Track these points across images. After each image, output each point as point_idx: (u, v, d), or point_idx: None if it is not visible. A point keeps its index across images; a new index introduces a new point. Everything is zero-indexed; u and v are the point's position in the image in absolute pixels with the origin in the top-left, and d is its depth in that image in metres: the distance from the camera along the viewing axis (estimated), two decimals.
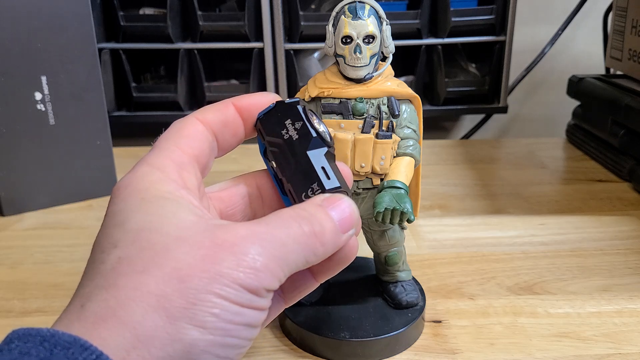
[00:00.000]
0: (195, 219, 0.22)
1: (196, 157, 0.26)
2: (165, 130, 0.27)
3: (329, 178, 0.26)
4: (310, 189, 0.26)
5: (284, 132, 0.27)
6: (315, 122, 0.27)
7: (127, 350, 0.19)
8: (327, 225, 0.24)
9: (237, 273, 0.21)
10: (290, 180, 0.27)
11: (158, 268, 0.21)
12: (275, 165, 0.28)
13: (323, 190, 0.26)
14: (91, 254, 0.23)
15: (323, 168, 0.26)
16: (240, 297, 0.21)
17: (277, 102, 0.28)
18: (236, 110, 0.28)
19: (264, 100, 0.28)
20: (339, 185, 0.26)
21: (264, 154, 0.28)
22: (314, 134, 0.27)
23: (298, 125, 0.27)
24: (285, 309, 0.29)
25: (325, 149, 0.27)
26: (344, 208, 0.25)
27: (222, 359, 0.21)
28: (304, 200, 0.26)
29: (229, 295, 0.21)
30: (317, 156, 0.27)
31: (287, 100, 0.28)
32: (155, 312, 0.20)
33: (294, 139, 0.27)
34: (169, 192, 0.23)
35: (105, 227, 0.23)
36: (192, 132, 0.26)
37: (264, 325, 0.25)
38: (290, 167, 0.27)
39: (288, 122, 0.27)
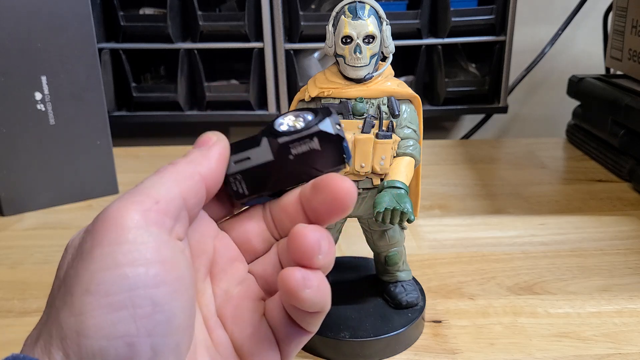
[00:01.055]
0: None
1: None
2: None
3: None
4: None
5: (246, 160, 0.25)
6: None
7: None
8: (191, 152, 0.24)
9: (100, 237, 0.21)
10: (288, 175, 0.25)
11: (56, 280, 0.22)
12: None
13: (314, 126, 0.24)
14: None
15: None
16: (112, 257, 0.20)
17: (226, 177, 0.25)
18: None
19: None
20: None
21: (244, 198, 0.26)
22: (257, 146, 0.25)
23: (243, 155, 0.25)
24: None
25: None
26: (201, 138, 0.25)
27: (122, 337, 0.20)
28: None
29: (99, 262, 0.20)
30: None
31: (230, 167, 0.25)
32: (52, 320, 0.21)
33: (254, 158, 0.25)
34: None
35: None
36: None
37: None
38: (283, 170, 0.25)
39: (242, 154, 0.25)
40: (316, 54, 0.85)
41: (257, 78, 0.81)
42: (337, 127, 0.25)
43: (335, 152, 0.24)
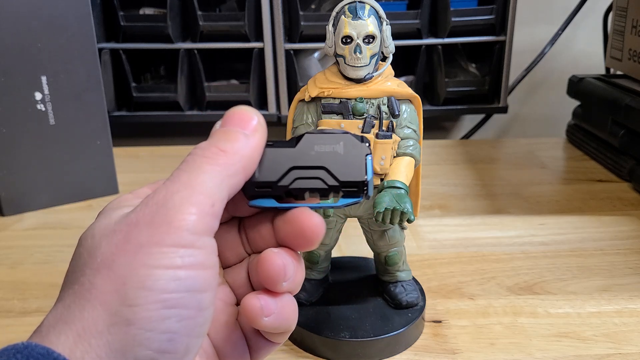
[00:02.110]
0: (121, 213, 0.22)
1: None
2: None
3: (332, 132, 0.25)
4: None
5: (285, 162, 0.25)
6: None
7: (71, 348, 0.20)
8: (229, 137, 0.23)
9: (158, 236, 0.21)
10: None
11: (88, 266, 0.21)
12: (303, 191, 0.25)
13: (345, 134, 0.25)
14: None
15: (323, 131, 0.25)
16: (169, 258, 0.20)
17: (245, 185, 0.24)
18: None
19: None
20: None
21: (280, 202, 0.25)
22: (291, 142, 0.25)
23: (285, 152, 0.25)
24: None
25: (307, 135, 0.25)
26: (234, 111, 0.24)
27: (166, 333, 0.20)
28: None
29: (157, 261, 0.20)
30: (308, 142, 0.25)
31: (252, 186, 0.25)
32: (92, 306, 0.20)
33: (298, 155, 0.25)
34: (124, 201, 0.24)
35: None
36: None
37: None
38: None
39: (282, 157, 0.25)
40: (316, 54, 0.85)
41: (257, 78, 0.81)
42: (366, 143, 0.25)
43: (357, 163, 0.24)
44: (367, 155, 0.25)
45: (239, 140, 0.23)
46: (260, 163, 0.25)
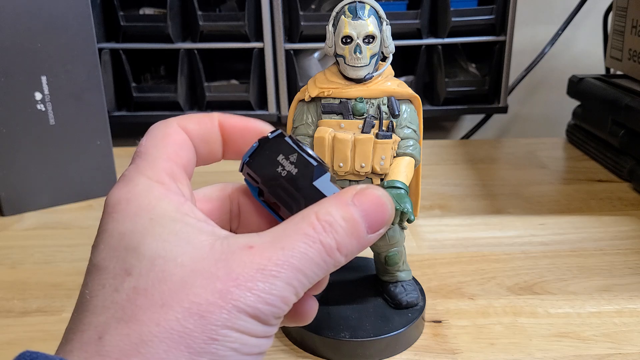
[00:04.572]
0: (208, 244, 0.22)
1: (185, 167, 0.25)
2: (146, 134, 0.25)
3: None
4: None
5: (279, 169, 0.25)
6: (308, 149, 0.25)
7: None
8: (353, 232, 0.23)
9: (254, 308, 0.21)
10: None
11: (178, 303, 0.20)
12: (280, 207, 0.25)
13: None
14: (95, 274, 0.22)
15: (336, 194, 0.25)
16: (256, 329, 0.21)
17: (260, 140, 0.26)
18: (220, 128, 0.26)
19: (253, 126, 0.26)
20: None
21: (259, 195, 0.26)
22: (314, 162, 0.25)
23: (293, 157, 0.25)
24: None
25: (328, 174, 0.25)
26: (377, 204, 0.23)
27: None
28: None
29: (247, 329, 0.21)
30: (324, 184, 0.25)
31: (270, 134, 0.26)
32: (177, 349, 0.20)
33: (294, 173, 0.25)
34: (176, 210, 0.22)
35: (112, 247, 0.22)
36: (179, 140, 0.25)
37: None
38: (298, 203, 0.24)
39: (280, 157, 0.25)
40: (316, 54, 0.85)
41: (257, 78, 0.81)
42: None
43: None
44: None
45: (360, 245, 0.23)
46: (265, 152, 0.25)
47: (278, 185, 0.25)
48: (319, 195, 0.24)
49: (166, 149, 0.24)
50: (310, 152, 0.25)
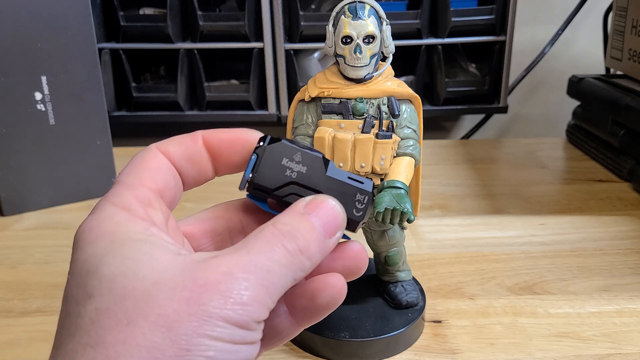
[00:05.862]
0: (171, 258, 0.21)
1: (160, 192, 0.24)
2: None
3: (361, 182, 0.25)
4: (357, 202, 0.25)
5: (288, 172, 0.25)
6: (306, 144, 0.26)
7: None
8: (312, 236, 0.23)
9: (226, 311, 0.20)
10: None
11: (143, 318, 0.20)
12: None
13: (370, 196, 0.25)
14: (63, 305, 0.21)
15: (349, 177, 0.25)
16: (232, 334, 0.20)
17: (256, 151, 0.25)
18: (205, 145, 0.26)
19: (240, 136, 0.26)
20: (370, 180, 0.26)
21: (271, 207, 0.26)
22: (319, 155, 0.25)
23: (298, 157, 0.25)
24: None
25: (332, 162, 0.25)
26: (329, 210, 0.24)
27: None
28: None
29: (222, 335, 0.20)
30: (335, 171, 0.25)
31: (263, 143, 0.25)
32: None
33: (304, 172, 0.25)
34: (139, 232, 0.22)
35: (75, 275, 0.21)
36: (154, 165, 0.25)
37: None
38: None
39: (285, 161, 0.25)
40: (316, 54, 0.85)
41: (257, 78, 0.81)
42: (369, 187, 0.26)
43: (355, 201, 0.25)
44: (370, 197, 0.25)
45: (322, 250, 0.24)
46: (267, 161, 0.25)
47: (292, 189, 0.25)
48: (336, 184, 0.25)
49: (139, 175, 0.24)
50: (309, 146, 0.26)
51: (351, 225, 0.26)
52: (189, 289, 0.20)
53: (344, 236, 0.26)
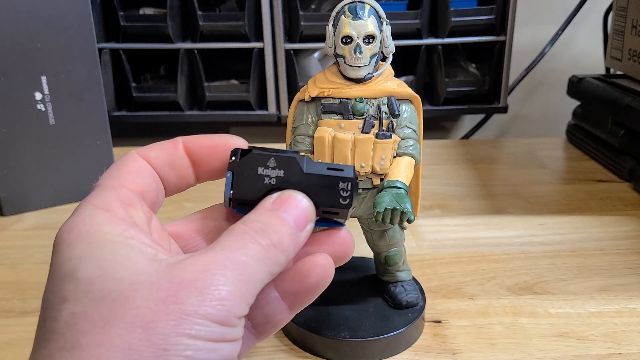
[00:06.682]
0: (148, 259, 0.21)
1: (142, 193, 0.25)
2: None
3: (341, 170, 0.25)
4: (342, 190, 0.25)
5: (267, 180, 0.25)
6: (276, 148, 0.26)
7: None
8: (284, 230, 0.23)
9: (204, 308, 0.20)
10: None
11: (119, 319, 0.19)
12: None
13: (353, 181, 0.25)
14: (41, 310, 0.21)
15: (328, 168, 0.25)
16: (212, 332, 0.20)
17: (230, 167, 0.25)
18: (186, 151, 0.26)
19: (220, 142, 0.26)
20: (350, 166, 0.26)
21: None
22: (293, 154, 0.25)
23: (272, 163, 0.25)
24: None
25: (307, 157, 0.26)
26: (296, 204, 0.24)
27: None
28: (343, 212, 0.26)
29: (200, 332, 0.20)
30: (313, 166, 0.25)
31: (235, 157, 0.25)
32: None
33: (282, 175, 0.25)
34: (118, 234, 0.22)
35: (52, 279, 0.21)
36: (135, 168, 0.25)
37: (239, 358, 0.24)
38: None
39: (261, 170, 0.25)
40: (316, 54, 0.85)
41: (257, 78, 0.81)
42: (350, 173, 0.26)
43: (337, 190, 0.25)
44: (353, 182, 0.25)
45: (294, 243, 0.24)
46: (243, 175, 0.25)
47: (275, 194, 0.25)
48: (316, 179, 0.25)
49: (120, 177, 0.24)
50: (280, 148, 0.26)
51: (341, 214, 0.26)
52: (165, 288, 0.20)
53: (338, 223, 0.27)
